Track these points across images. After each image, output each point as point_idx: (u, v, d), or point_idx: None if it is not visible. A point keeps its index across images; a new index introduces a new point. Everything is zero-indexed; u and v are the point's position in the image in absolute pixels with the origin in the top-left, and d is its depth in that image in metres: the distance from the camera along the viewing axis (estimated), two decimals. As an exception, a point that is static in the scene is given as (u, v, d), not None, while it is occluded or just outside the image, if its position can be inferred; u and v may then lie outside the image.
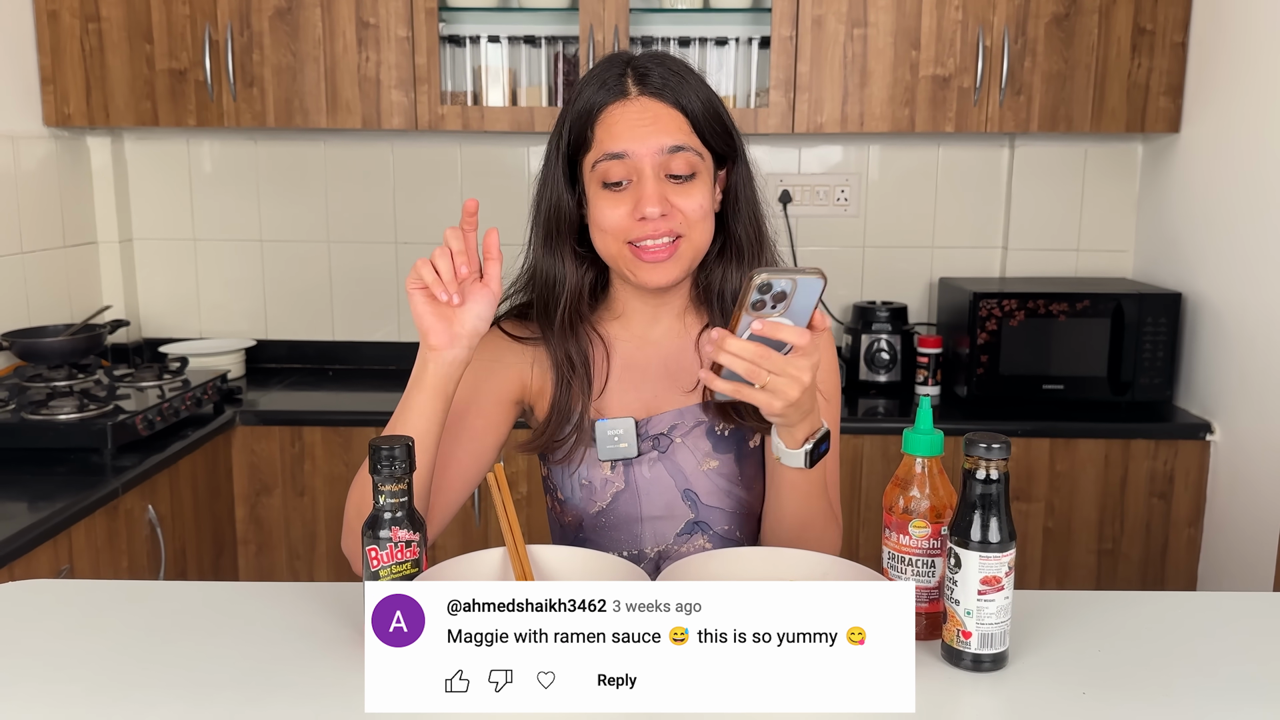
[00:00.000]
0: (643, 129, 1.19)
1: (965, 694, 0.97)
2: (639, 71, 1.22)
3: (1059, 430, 2.48)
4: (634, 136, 1.19)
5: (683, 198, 1.20)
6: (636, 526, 1.30)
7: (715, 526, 1.30)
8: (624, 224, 1.20)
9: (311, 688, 0.98)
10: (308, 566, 2.56)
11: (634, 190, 1.20)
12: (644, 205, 1.18)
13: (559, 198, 1.27)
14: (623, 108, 1.21)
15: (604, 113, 1.21)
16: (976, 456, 0.98)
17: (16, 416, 2.13)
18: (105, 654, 1.04)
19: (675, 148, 1.19)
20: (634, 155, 1.19)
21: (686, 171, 1.20)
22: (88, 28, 2.60)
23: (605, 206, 1.21)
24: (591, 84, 1.23)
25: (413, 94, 2.61)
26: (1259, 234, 2.30)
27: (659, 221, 1.19)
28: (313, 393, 2.79)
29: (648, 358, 1.32)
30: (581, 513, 1.32)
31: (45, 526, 1.76)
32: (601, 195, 1.22)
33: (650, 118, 1.20)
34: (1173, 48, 2.57)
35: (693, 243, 1.22)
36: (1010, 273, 2.93)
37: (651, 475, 1.29)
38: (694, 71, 1.25)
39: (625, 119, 1.20)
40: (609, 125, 1.21)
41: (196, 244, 3.01)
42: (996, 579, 0.98)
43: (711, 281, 1.30)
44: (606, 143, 1.20)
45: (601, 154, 1.20)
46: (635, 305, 1.31)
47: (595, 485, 1.30)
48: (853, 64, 2.60)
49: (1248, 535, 2.31)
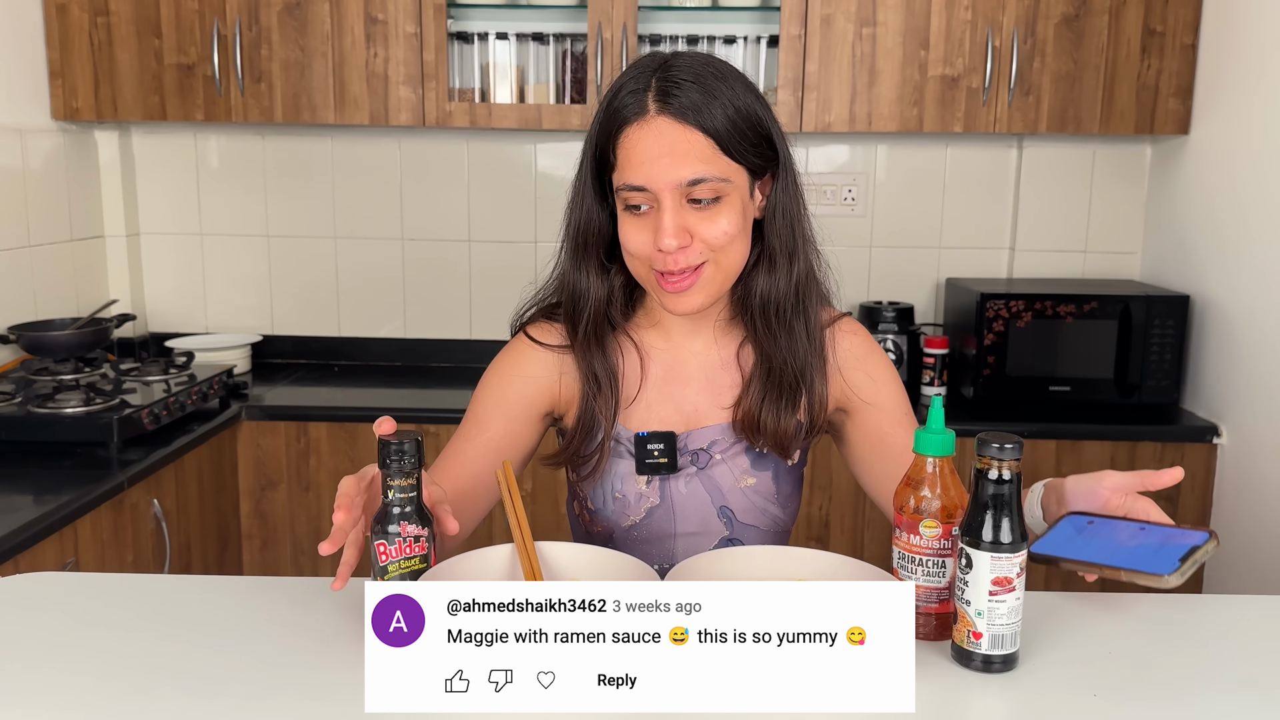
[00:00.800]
0: (661, 160, 1.13)
1: (975, 695, 0.97)
2: (663, 87, 1.14)
3: (1065, 432, 2.48)
4: (653, 170, 1.14)
5: (705, 225, 1.15)
6: (670, 542, 1.29)
7: (749, 544, 1.29)
8: (647, 250, 1.17)
9: (317, 683, 0.97)
10: (312, 562, 2.56)
11: (654, 216, 1.16)
12: (661, 238, 1.14)
13: (589, 211, 1.23)
14: (640, 131, 1.14)
15: (624, 134, 1.16)
16: (989, 456, 0.98)
17: (23, 410, 2.13)
18: (111, 647, 1.04)
19: (696, 180, 1.14)
20: (653, 188, 1.14)
21: (710, 197, 1.15)
22: (96, 22, 2.60)
23: (630, 231, 1.18)
24: (621, 91, 1.17)
25: (421, 90, 2.61)
26: (1268, 237, 2.29)
27: (677, 254, 1.15)
28: (318, 388, 2.79)
29: (688, 370, 1.29)
30: (613, 525, 1.29)
31: (51, 520, 1.76)
32: (626, 218, 1.18)
33: (667, 147, 1.13)
34: (1183, 49, 2.56)
35: (720, 267, 1.18)
36: (1018, 274, 2.92)
37: (688, 491, 1.27)
38: (729, 78, 1.17)
39: (643, 146, 1.14)
40: (628, 151, 1.15)
41: (203, 239, 3.01)
42: (1008, 580, 0.97)
43: (749, 292, 1.25)
44: (627, 171, 1.16)
45: (623, 182, 1.16)
46: (672, 318, 1.28)
47: (629, 499, 1.27)
48: (861, 63, 2.59)
49: (1255, 538, 2.30)
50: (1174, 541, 1.04)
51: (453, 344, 3.03)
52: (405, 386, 2.82)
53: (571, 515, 1.39)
